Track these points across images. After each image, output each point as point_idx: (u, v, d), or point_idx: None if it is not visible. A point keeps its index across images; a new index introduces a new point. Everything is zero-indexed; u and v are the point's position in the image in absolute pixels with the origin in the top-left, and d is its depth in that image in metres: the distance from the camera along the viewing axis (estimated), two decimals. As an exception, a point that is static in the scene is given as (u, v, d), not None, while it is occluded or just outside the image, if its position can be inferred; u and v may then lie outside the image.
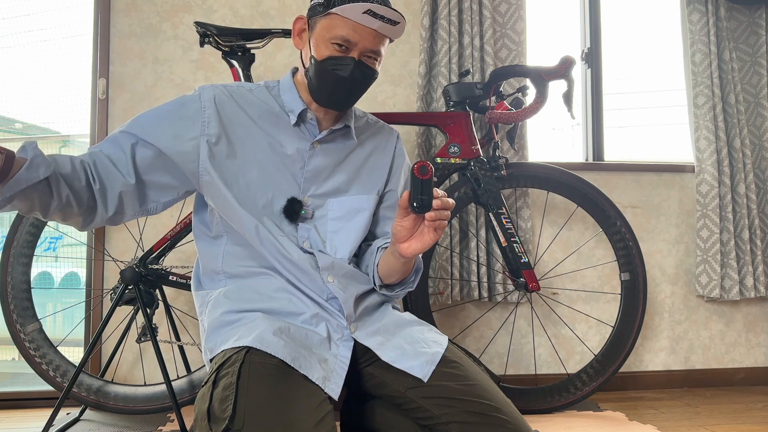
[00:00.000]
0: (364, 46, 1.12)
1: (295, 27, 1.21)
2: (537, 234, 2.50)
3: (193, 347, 2.17)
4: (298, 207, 1.18)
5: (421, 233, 1.06)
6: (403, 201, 1.03)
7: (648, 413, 2.15)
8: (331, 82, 1.14)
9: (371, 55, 1.14)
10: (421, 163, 1.00)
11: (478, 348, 2.43)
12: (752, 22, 2.70)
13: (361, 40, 1.11)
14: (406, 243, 1.07)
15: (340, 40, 1.11)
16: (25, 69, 2.75)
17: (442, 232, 1.05)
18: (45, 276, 2.87)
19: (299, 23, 1.20)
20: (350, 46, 1.12)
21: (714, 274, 2.52)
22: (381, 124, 1.36)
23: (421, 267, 1.25)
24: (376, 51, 1.14)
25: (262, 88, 1.24)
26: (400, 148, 1.35)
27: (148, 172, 1.14)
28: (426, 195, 1.00)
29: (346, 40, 1.11)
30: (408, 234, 1.06)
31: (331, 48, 1.12)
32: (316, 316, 1.14)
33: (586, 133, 2.70)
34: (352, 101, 1.20)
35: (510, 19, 2.47)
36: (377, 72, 1.18)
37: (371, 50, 1.13)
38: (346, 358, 1.09)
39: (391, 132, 1.36)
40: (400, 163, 1.33)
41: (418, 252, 1.07)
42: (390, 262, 1.16)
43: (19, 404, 2.17)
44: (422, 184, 1.00)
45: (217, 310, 1.16)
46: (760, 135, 2.65)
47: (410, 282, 1.25)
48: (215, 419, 0.94)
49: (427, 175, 0.99)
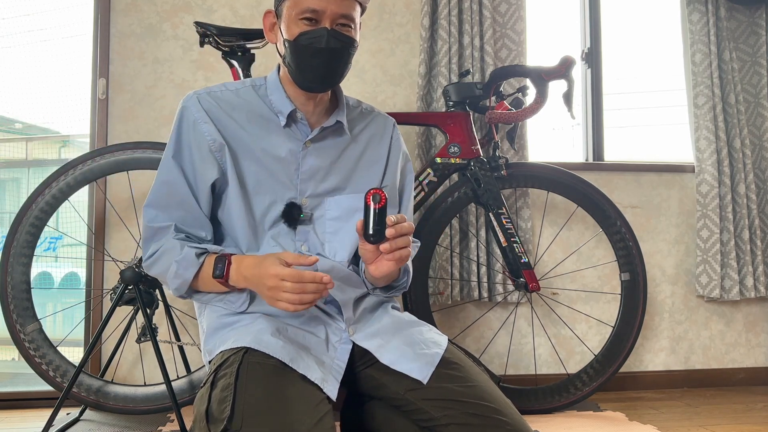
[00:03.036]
0: (333, 11, 1.09)
1: (265, 23, 1.20)
2: (537, 234, 2.50)
3: (193, 347, 2.17)
4: (296, 212, 1.17)
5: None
6: (358, 229, 1.00)
7: (648, 413, 2.15)
8: (308, 57, 1.11)
9: (344, 22, 1.11)
10: (374, 191, 0.96)
11: (478, 348, 2.43)
12: (752, 22, 2.69)
13: (327, 5, 1.08)
14: (373, 265, 1.07)
15: (308, 13, 1.09)
16: (25, 69, 2.75)
17: (404, 261, 1.04)
18: (45, 276, 2.87)
19: (268, 17, 1.19)
20: (319, 17, 1.09)
21: (714, 274, 2.52)
22: (376, 112, 1.32)
23: (409, 269, 1.24)
24: (346, 15, 1.10)
25: (248, 88, 1.22)
26: (397, 136, 1.32)
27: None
28: (379, 225, 0.97)
29: (313, 10, 1.08)
30: (373, 257, 1.06)
31: (301, 24, 1.10)
32: (315, 319, 1.13)
33: (586, 133, 2.69)
34: (337, 75, 1.15)
35: (510, 19, 2.47)
36: (355, 40, 1.14)
37: (341, 15, 1.10)
38: (343, 361, 1.09)
39: (387, 120, 1.32)
40: (397, 153, 1.30)
41: (387, 273, 1.06)
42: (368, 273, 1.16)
43: (19, 404, 2.17)
44: (375, 213, 0.96)
45: (214, 312, 1.16)
46: (760, 135, 2.65)
47: (402, 283, 1.24)
48: (214, 420, 0.94)
49: (381, 203, 0.96)
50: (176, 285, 1.11)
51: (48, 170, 2.16)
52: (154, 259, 1.14)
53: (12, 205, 2.85)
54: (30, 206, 1.89)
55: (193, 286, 1.12)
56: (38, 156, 2.97)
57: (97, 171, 1.93)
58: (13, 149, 3.02)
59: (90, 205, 2.29)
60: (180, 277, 1.09)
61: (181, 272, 1.09)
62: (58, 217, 2.36)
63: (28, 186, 2.93)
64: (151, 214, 1.15)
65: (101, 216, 2.24)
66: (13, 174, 3.04)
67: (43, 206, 1.90)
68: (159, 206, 1.15)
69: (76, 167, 1.92)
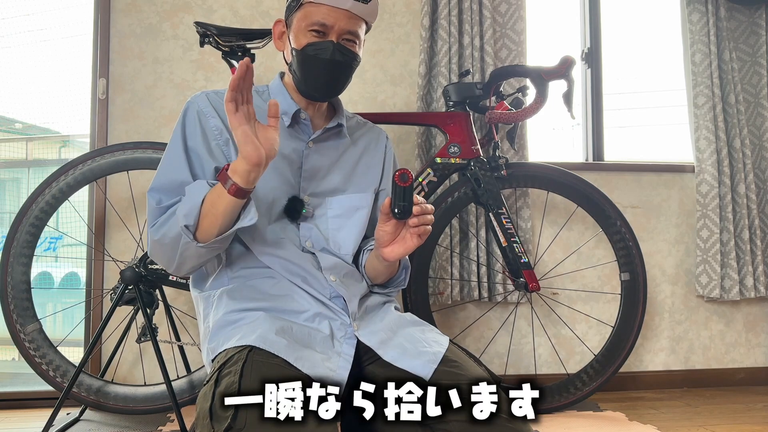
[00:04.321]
0: (341, 27, 1.16)
1: (275, 31, 1.26)
2: (537, 234, 2.50)
3: (193, 347, 2.17)
4: (299, 206, 1.20)
5: (404, 238, 1.10)
6: (385, 207, 1.07)
7: (648, 413, 2.16)
8: (313, 66, 1.18)
9: (349, 38, 1.18)
10: (402, 170, 1.03)
11: (478, 348, 2.43)
12: (752, 22, 2.69)
13: (336, 21, 1.15)
14: (389, 247, 1.11)
15: (317, 26, 1.15)
16: (25, 69, 2.75)
17: (425, 237, 1.09)
18: (45, 276, 2.87)
19: (278, 26, 1.25)
20: (327, 30, 1.16)
21: (714, 274, 2.52)
22: (370, 124, 1.40)
23: (408, 265, 1.28)
24: (352, 32, 1.18)
25: (253, 94, 1.24)
26: (390, 148, 1.39)
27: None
28: (407, 202, 1.05)
29: (322, 24, 1.15)
30: (390, 239, 1.11)
31: (309, 35, 1.17)
32: (319, 315, 1.14)
33: (586, 133, 2.69)
34: (339, 86, 1.22)
35: (510, 19, 2.47)
36: (358, 56, 1.21)
37: (348, 31, 1.17)
38: (350, 355, 1.09)
39: (380, 132, 1.39)
40: (390, 162, 1.37)
41: (401, 255, 1.11)
42: (375, 264, 1.20)
43: (19, 404, 2.17)
44: (403, 191, 1.04)
45: (219, 310, 1.16)
46: (760, 135, 2.65)
47: (400, 280, 1.28)
48: (217, 418, 0.94)
49: (408, 182, 1.04)
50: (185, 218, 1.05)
51: (48, 170, 2.16)
52: (163, 221, 1.11)
53: (12, 205, 2.85)
54: (30, 206, 1.89)
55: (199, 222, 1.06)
56: (38, 156, 2.97)
57: (97, 171, 1.93)
58: (13, 149, 3.02)
59: (90, 205, 2.29)
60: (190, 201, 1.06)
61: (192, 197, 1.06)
62: (58, 217, 2.35)
63: (28, 186, 2.93)
64: (156, 198, 1.15)
65: (101, 216, 2.24)
66: (13, 174, 3.04)
67: (43, 206, 1.90)
68: (163, 190, 1.15)
69: (76, 167, 1.92)
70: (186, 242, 1.06)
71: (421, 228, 1.08)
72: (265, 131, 1.03)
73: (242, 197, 1.03)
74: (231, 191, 1.02)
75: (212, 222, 1.06)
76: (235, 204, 1.04)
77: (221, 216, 1.05)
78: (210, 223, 1.06)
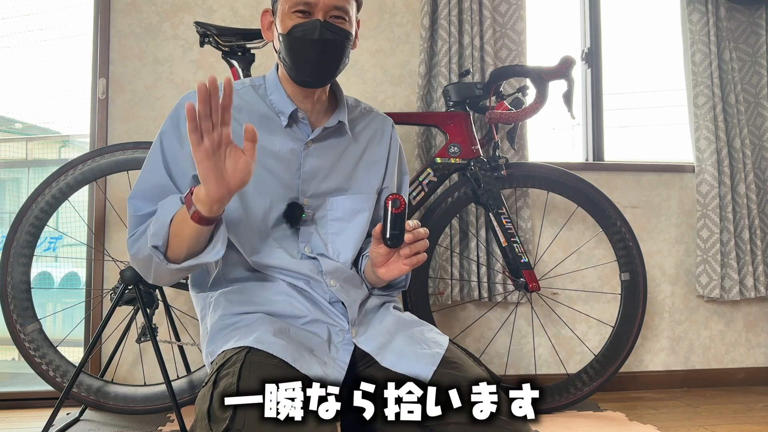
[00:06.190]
0: (326, 3, 1.10)
1: (263, 22, 1.21)
2: (537, 234, 2.50)
3: (193, 347, 2.16)
4: (298, 212, 1.16)
5: (398, 260, 1.07)
6: (376, 233, 1.04)
7: (648, 413, 2.15)
8: (302, 49, 1.12)
9: (337, 14, 1.12)
10: (394, 196, 1.00)
11: (478, 348, 2.43)
12: (752, 22, 2.69)
13: None
14: (383, 268, 1.09)
15: (301, 5, 1.10)
16: (25, 69, 2.75)
17: (420, 262, 1.06)
18: (45, 276, 2.87)
19: (266, 17, 1.21)
20: (311, 9, 1.10)
21: (714, 274, 2.51)
22: (375, 112, 1.33)
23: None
24: (339, 7, 1.11)
25: (248, 88, 1.22)
26: (395, 137, 1.33)
27: None
28: (398, 230, 1.01)
29: (306, 2, 1.10)
30: (384, 260, 1.09)
31: (294, 17, 1.11)
32: (318, 320, 1.13)
33: (586, 133, 2.69)
34: (332, 68, 1.15)
35: (510, 19, 2.47)
36: (351, 33, 1.14)
37: (334, 6, 1.11)
38: (345, 363, 1.08)
39: (385, 120, 1.33)
40: (395, 155, 1.31)
41: (397, 277, 1.09)
42: (372, 276, 1.17)
43: (19, 404, 2.17)
44: (395, 218, 1.00)
45: (216, 312, 1.15)
46: (760, 135, 2.65)
47: (401, 283, 1.26)
48: (216, 419, 0.93)
49: (400, 208, 0.99)
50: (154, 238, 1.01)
51: (48, 170, 2.15)
52: (137, 235, 1.09)
53: (12, 205, 2.85)
54: (30, 206, 1.89)
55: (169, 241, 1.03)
56: (38, 156, 2.98)
57: (97, 171, 1.93)
58: (13, 149, 3.03)
59: (90, 205, 2.29)
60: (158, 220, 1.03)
61: (162, 215, 1.02)
62: (58, 217, 2.35)
63: (28, 186, 2.93)
64: (134, 205, 1.13)
65: (101, 216, 2.24)
66: (13, 174, 3.04)
67: (43, 206, 1.90)
68: (142, 197, 1.13)
69: (76, 167, 1.92)
70: (157, 262, 1.03)
71: (413, 258, 1.05)
72: (235, 161, 0.93)
73: (207, 224, 0.98)
74: (194, 218, 0.97)
75: (179, 245, 1.02)
76: (200, 230, 0.99)
77: (187, 240, 1.01)
78: (177, 245, 1.02)
